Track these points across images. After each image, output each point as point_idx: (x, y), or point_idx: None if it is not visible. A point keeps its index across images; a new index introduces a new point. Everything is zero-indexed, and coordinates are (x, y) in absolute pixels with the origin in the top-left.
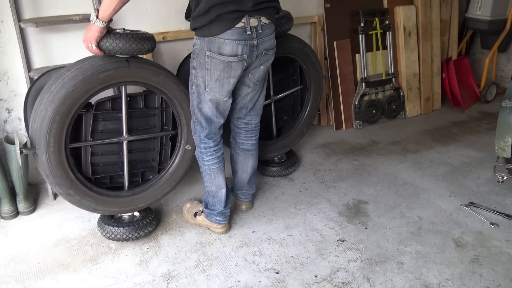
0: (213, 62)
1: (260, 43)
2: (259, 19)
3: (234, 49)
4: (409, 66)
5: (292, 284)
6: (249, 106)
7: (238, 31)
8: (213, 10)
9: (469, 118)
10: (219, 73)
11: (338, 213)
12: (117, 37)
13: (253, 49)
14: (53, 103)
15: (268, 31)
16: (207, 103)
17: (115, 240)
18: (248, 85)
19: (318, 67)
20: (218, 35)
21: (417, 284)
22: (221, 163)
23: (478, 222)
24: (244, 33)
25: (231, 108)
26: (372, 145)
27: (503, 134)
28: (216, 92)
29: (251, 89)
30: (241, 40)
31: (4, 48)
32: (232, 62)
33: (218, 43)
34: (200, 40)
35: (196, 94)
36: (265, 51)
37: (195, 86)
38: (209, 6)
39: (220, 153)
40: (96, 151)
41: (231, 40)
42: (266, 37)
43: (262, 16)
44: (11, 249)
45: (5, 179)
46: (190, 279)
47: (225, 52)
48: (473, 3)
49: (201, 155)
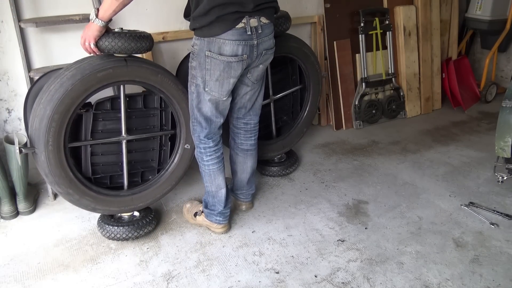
0: (213, 62)
1: (260, 43)
2: (259, 19)
3: (234, 49)
4: (409, 66)
5: (292, 284)
6: (248, 106)
7: (238, 32)
8: (214, 11)
9: (469, 118)
10: (219, 73)
11: (338, 213)
12: (115, 36)
13: (253, 49)
14: (52, 102)
15: (267, 31)
16: (206, 103)
17: (115, 239)
18: (247, 84)
19: (317, 67)
20: (218, 36)
21: (417, 284)
22: (220, 163)
23: (478, 222)
24: (244, 34)
25: (230, 108)
26: (372, 145)
27: (503, 134)
28: (216, 92)
29: (250, 88)
30: (241, 41)
31: (4, 48)
32: (232, 62)
33: (218, 43)
34: (200, 40)
35: (196, 94)
36: (265, 51)
37: (194, 86)
38: (210, 7)
39: (219, 153)
40: (96, 151)
41: (232, 41)
42: (266, 37)
43: (262, 16)
44: (11, 249)
45: (5, 179)
46: (190, 279)
47: (225, 52)
48: (473, 3)
49: (200, 155)
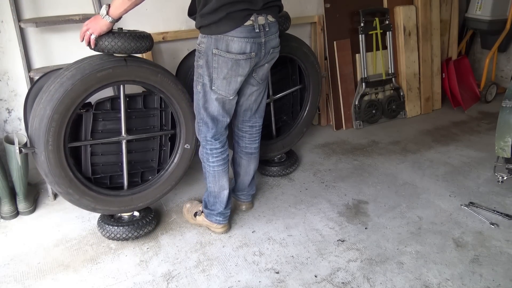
0: (220, 60)
1: (267, 41)
2: (266, 17)
3: (242, 47)
4: (409, 66)
5: (292, 284)
6: (253, 108)
7: (247, 29)
8: (224, 8)
9: (469, 118)
10: (227, 71)
11: (338, 213)
12: (115, 36)
13: (261, 47)
14: (51, 102)
15: (273, 29)
16: (213, 102)
17: (115, 239)
18: (253, 83)
19: (317, 67)
20: (226, 33)
21: (417, 284)
22: (226, 164)
23: (478, 222)
24: (252, 31)
25: (235, 111)
26: (372, 145)
27: (503, 134)
28: (223, 90)
29: (255, 88)
30: (250, 38)
31: (4, 48)
32: (240, 60)
33: (226, 40)
34: (207, 38)
35: (202, 93)
36: (272, 49)
37: (201, 85)
38: (220, 4)
39: (225, 155)
40: (96, 151)
41: (240, 38)
42: (272, 35)
43: (269, 14)
44: (11, 249)
45: (5, 179)
46: (190, 279)
47: (233, 50)
48: (473, 3)
49: (206, 156)
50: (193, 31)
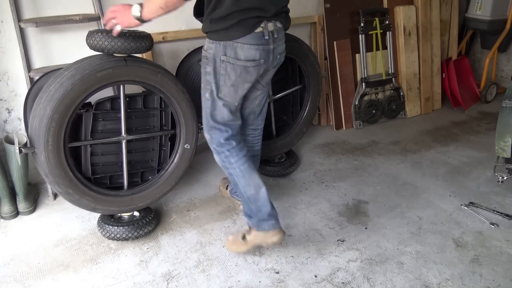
0: (228, 67)
1: (275, 47)
2: (275, 23)
3: (252, 53)
4: (409, 66)
5: (292, 284)
6: (257, 111)
7: (257, 36)
8: (236, 15)
9: (469, 118)
10: (235, 78)
11: (338, 213)
12: (115, 35)
13: (269, 53)
14: (51, 102)
15: (281, 35)
16: (222, 108)
17: (115, 239)
18: (258, 88)
19: (317, 67)
20: (236, 39)
21: (417, 284)
22: (249, 161)
23: (478, 222)
24: (262, 38)
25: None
26: (372, 145)
27: (503, 134)
28: (229, 97)
29: (260, 91)
30: (259, 45)
31: (4, 48)
32: (249, 67)
33: (234, 47)
34: (215, 44)
35: (211, 101)
36: (279, 55)
37: (209, 92)
38: (232, 10)
39: (245, 151)
40: (96, 151)
41: (249, 45)
42: (280, 41)
43: (277, 20)
44: (11, 249)
45: (5, 179)
46: (190, 279)
47: (242, 56)
48: (473, 3)
49: (226, 159)
50: (193, 31)
